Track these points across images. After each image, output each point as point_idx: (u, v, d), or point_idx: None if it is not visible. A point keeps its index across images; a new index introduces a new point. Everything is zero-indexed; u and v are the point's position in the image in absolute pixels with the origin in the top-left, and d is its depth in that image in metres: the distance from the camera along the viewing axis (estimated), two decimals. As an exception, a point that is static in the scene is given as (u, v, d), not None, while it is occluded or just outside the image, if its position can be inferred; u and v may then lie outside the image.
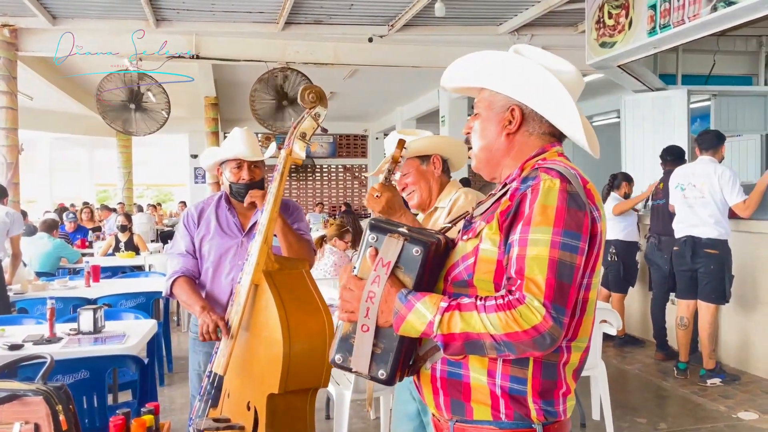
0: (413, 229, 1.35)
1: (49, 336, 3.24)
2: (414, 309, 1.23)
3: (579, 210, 1.23)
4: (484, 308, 1.20)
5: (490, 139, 1.40)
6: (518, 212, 1.25)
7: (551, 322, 1.16)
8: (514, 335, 1.17)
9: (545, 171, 1.27)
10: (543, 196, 1.23)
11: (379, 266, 1.26)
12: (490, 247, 1.28)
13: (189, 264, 2.62)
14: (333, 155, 16.10)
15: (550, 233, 1.20)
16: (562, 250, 1.20)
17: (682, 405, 4.29)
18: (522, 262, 1.20)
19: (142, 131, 7.25)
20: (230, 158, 2.62)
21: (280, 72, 7.14)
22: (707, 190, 4.61)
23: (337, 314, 1.35)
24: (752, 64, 7.86)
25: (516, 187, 1.29)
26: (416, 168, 2.33)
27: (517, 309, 1.17)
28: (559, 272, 1.19)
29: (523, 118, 1.37)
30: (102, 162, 19.16)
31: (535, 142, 1.38)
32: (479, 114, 1.42)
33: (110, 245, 7.87)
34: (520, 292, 1.18)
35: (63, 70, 9.47)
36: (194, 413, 2.32)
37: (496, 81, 1.38)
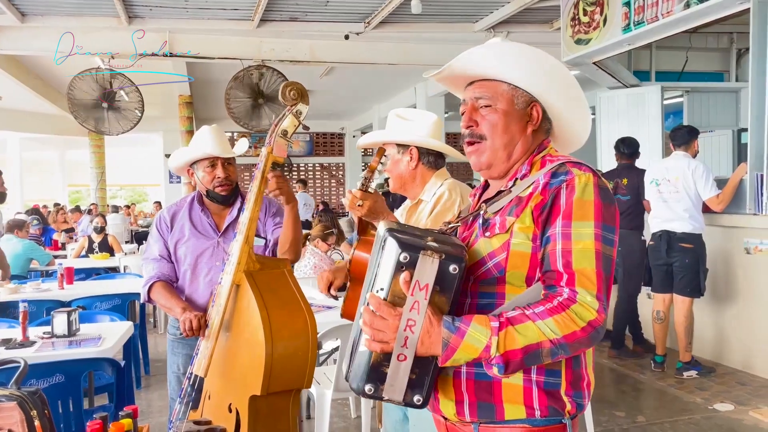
0: (438, 236, 1.27)
1: (22, 340, 3.16)
2: (466, 336, 1.16)
3: (611, 204, 1.26)
4: (537, 315, 1.17)
5: (514, 136, 1.37)
6: (554, 206, 1.25)
7: (603, 314, 1.18)
8: (572, 335, 1.17)
9: (575, 166, 1.29)
10: (580, 190, 1.24)
11: (416, 290, 1.17)
12: (524, 240, 1.27)
13: (164, 268, 2.58)
14: (310, 154, 16.03)
15: (592, 227, 1.22)
16: (604, 243, 1.22)
17: (660, 398, 4.35)
18: (569, 255, 1.21)
19: (115, 130, 7.13)
20: (202, 157, 2.57)
21: (255, 70, 7.07)
22: (681, 185, 4.67)
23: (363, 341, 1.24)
24: (724, 61, 8.00)
25: (546, 182, 1.28)
26: (393, 155, 2.29)
27: (571, 308, 1.17)
28: (605, 265, 1.21)
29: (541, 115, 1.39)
30: (74, 162, 18.88)
31: (540, 138, 1.40)
32: (495, 107, 1.37)
33: (83, 247, 7.74)
34: (571, 288, 1.19)
35: (33, 68, 9.29)
36: (174, 416, 2.28)
37: (522, 76, 1.35)
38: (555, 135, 1.46)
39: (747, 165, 4.67)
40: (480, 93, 1.38)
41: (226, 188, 2.58)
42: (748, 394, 4.35)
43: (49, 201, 15.66)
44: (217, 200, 2.60)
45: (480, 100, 1.38)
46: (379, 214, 2.00)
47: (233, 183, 2.61)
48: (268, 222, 2.57)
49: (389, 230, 1.24)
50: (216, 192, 2.58)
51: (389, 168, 2.29)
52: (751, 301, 4.76)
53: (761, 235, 4.59)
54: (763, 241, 4.58)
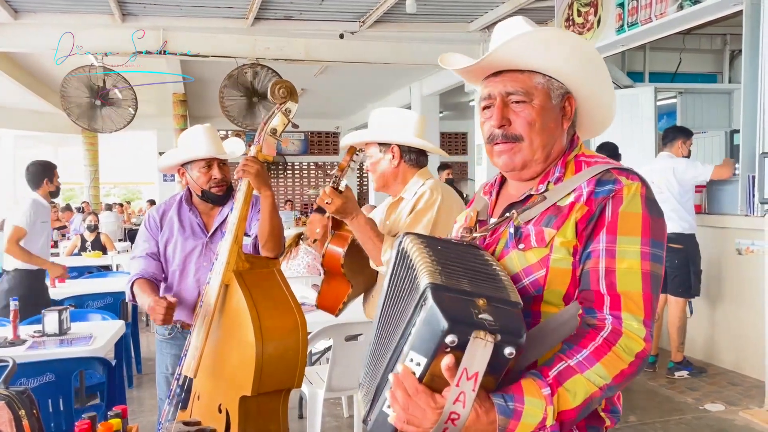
0: (489, 296, 1.01)
1: (12, 338, 3.15)
2: (524, 415, 1.02)
3: (659, 217, 1.16)
4: (583, 364, 1.05)
5: (553, 133, 1.25)
6: (600, 219, 1.15)
7: (650, 342, 1.09)
8: (620, 375, 1.07)
9: (623, 174, 1.18)
10: (627, 203, 1.14)
11: (463, 380, 0.95)
12: (564, 255, 1.16)
13: (150, 266, 2.55)
14: (304, 153, 15.99)
15: (639, 243, 1.12)
16: (653, 262, 1.12)
17: (651, 398, 4.36)
18: (613, 275, 1.11)
19: (109, 128, 7.10)
20: (199, 158, 2.54)
21: (249, 68, 7.06)
22: (665, 186, 4.69)
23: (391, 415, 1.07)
24: (717, 62, 8.03)
25: (591, 190, 1.17)
26: (374, 154, 2.30)
27: (618, 344, 1.07)
28: (653, 285, 1.11)
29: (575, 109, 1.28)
30: (67, 160, 18.76)
31: (571, 132, 1.30)
32: (531, 103, 1.23)
33: (76, 245, 7.71)
34: (615, 315, 1.09)
35: (26, 65, 9.24)
36: (163, 417, 2.27)
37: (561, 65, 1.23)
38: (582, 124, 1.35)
39: (739, 163, 4.71)
40: (512, 87, 1.24)
41: (222, 188, 2.56)
42: (739, 394, 4.36)
43: (42, 199, 15.56)
44: (212, 200, 2.58)
45: (512, 96, 1.24)
46: (348, 213, 2.05)
47: (228, 183, 2.59)
48: (254, 217, 2.52)
49: (433, 286, 1.00)
50: (212, 192, 2.56)
51: (371, 167, 2.30)
52: (742, 302, 4.77)
53: (753, 236, 4.61)
54: (754, 242, 4.60)
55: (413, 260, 1.10)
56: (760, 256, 4.42)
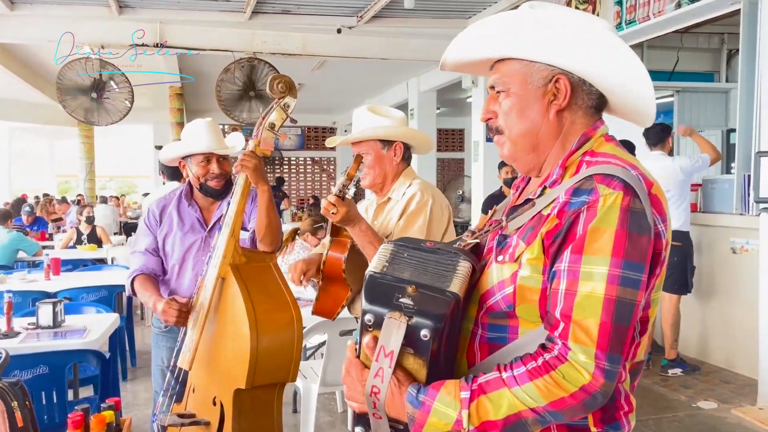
0: (422, 284, 1.06)
1: (6, 330, 3.15)
2: (432, 411, 1.02)
3: (641, 234, 1.01)
4: (515, 379, 1.00)
5: (535, 121, 1.14)
6: (568, 235, 1.02)
7: (602, 379, 0.97)
8: (559, 402, 0.98)
9: (604, 181, 1.03)
10: (602, 217, 1.00)
11: (381, 357, 1.03)
12: (531, 274, 1.06)
13: (150, 262, 2.56)
14: (301, 148, 15.97)
15: (607, 265, 0.98)
16: (622, 286, 0.98)
17: (644, 395, 4.37)
18: (570, 300, 1.00)
19: (104, 121, 7.07)
20: (198, 153, 2.55)
21: (247, 62, 7.04)
22: (673, 185, 4.70)
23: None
24: (714, 61, 8.03)
25: (566, 201, 1.05)
26: (376, 151, 2.24)
27: (558, 369, 0.98)
28: (617, 314, 0.98)
29: (571, 89, 1.12)
30: (63, 152, 18.71)
31: (581, 121, 1.15)
32: (508, 91, 1.15)
33: (71, 238, 7.69)
34: (563, 344, 0.99)
35: (22, 57, 9.20)
36: (158, 409, 2.27)
37: (529, 46, 1.11)
38: (618, 108, 1.19)
39: (734, 162, 4.72)
40: (494, 79, 1.18)
41: (221, 182, 2.56)
42: (732, 392, 4.38)
43: (38, 191, 15.53)
44: (210, 194, 2.58)
45: (495, 87, 1.18)
46: (352, 221, 2.00)
47: (227, 177, 2.59)
48: (252, 212, 2.53)
49: (370, 273, 1.09)
50: (209, 186, 2.56)
51: (371, 164, 2.26)
52: (735, 301, 4.79)
53: (747, 235, 4.63)
54: (749, 241, 4.62)
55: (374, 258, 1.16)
56: (754, 255, 4.44)
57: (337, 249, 2.13)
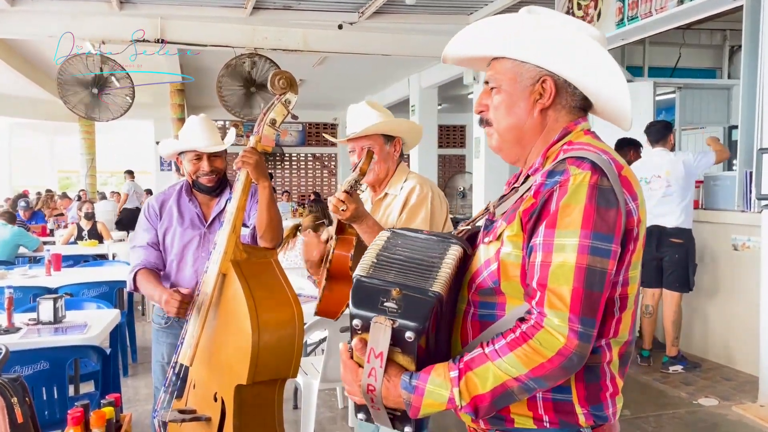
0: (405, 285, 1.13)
1: (7, 326, 3.14)
2: (426, 393, 1.10)
3: (609, 208, 1.09)
4: (496, 353, 1.09)
5: (520, 117, 1.24)
6: (543, 211, 1.12)
7: (576, 340, 1.05)
8: (539, 368, 1.06)
9: (575, 163, 1.12)
10: (571, 194, 1.09)
11: (372, 358, 1.11)
12: (513, 250, 1.15)
13: (151, 256, 2.56)
14: (302, 144, 15.96)
15: (578, 236, 1.07)
16: (592, 255, 1.07)
17: (645, 391, 4.37)
18: (546, 270, 1.09)
19: (105, 117, 7.06)
20: (188, 150, 2.55)
21: (248, 58, 7.02)
22: (674, 180, 4.69)
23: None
24: (716, 58, 8.01)
25: (541, 182, 1.14)
26: (380, 147, 2.23)
27: (535, 337, 1.07)
28: (589, 281, 1.07)
29: (556, 89, 1.22)
30: (64, 148, 18.71)
31: (564, 119, 1.24)
32: (500, 88, 1.25)
33: (72, 234, 7.69)
34: (539, 312, 1.08)
35: (23, 53, 9.19)
36: (159, 405, 2.27)
37: (522, 48, 1.21)
38: (600, 111, 1.30)
39: (736, 159, 4.71)
40: (488, 75, 1.28)
41: (212, 179, 2.57)
42: (732, 389, 4.38)
43: (39, 187, 15.53)
44: (202, 190, 2.60)
45: (489, 83, 1.28)
46: (360, 217, 1.98)
47: (219, 174, 2.59)
48: (252, 207, 2.52)
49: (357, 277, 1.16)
50: (201, 183, 2.57)
51: (379, 160, 2.24)
52: (736, 298, 4.79)
53: (749, 232, 4.62)
54: (750, 237, 4.61)
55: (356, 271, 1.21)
56: (756, 252, 4.43)
57: (343, 247, 2.11)
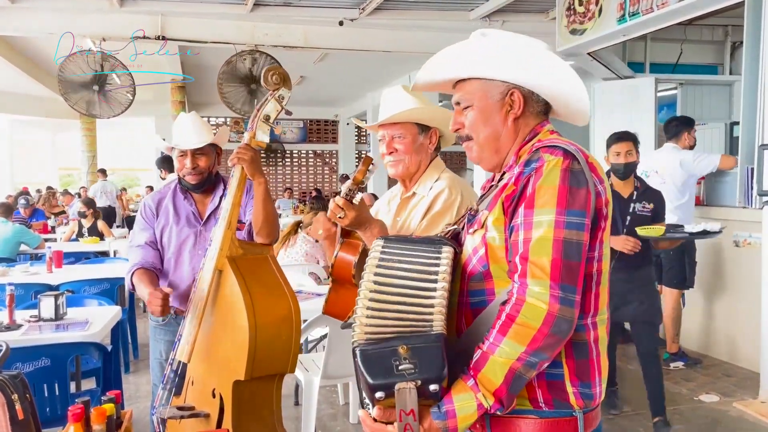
0: (409, 337, 1.18)
1: (8, 323, 3.15)
2: (457, 412, 1.17)
3: (580, 187, 1.22)
4: (493, 345, 1.18)
5: (497, 128, 1.37)
6: (521, 195, 1.24)
7: (557, 304, 1.15)
8: (534, 341, 1.15)
9: (548, 151, 1.25)
10: (545, 177, 1.21)
11: (403, 416, 1.16)
12: (497, 234, 1.27)
13: (149, 255, 2.57)
14: (303, 140, 15.96)
15: (553, 213, 1.19)
16: (567, 229, 1.19)
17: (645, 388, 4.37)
18: (527, 245, 1.19)
19: (106, 114, 7.06)
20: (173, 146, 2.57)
21: (248, 55, 7.01)
22: (668, 177, 4.69)
23: None
24: (718, 54, 7.99)
25: (519, 171, 1.27)
26: (413, 137, 2.01)
27: (520, 313, 1.16)
28: (566, 252, 1.18)
29: (524, 100, 1.35)
30: (65, 145, 18.73)
31: (531, 123, 1.38)
32: (473, 105, 1.38)
33: (73, 231, 7.70)
34: (522, 282, 1.18)
35: (24, 50, 9.19)
36: (157, 402, 2.28)
37: (487, 67, 1.35)
38: (560, 113, 1.43)
39: (738, 158, 4.69)
40: (458, 96, 1.41)
41: (195, 177, 2.56)
42: (733, 385, 4.38)
43: (39, 184, 15.55)
44: (187, 188, 2.61)
45: (461, 103, 1.41)
46: (363, 223, 1.81)
47: (203, 172, 2.58)
48: (248, 204, 2.51)
49: (360, 347, 1.18)
50: (185, 180, 2.58)
51: (406, 150, 2.01)
52: (738, 294, 4.78)
53: (750, 228, 4.61)
54: (752, 234, 4.60)
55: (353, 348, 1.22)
56: (757, 248, 4.43)
57: (348, 251, 1.93)
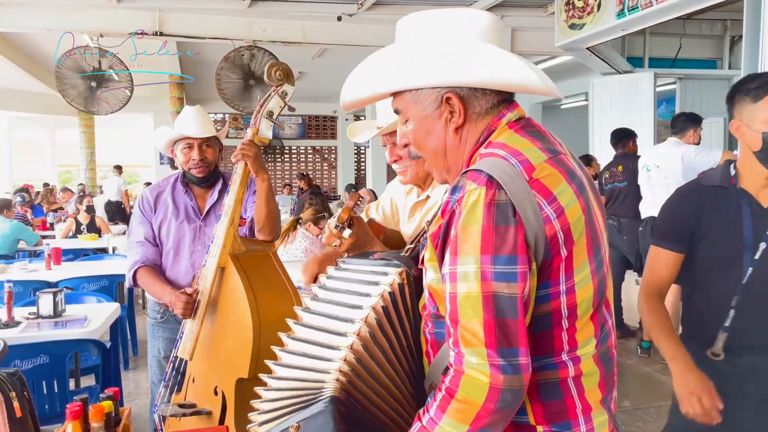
0: (304, 419, 1.08)
1: (6, 320, 3.15)
2: None
3: (508, 225, 0.99)
4: (433, 421, 1.01)
5: (439, 142, 1.15)
6: (447, 235, 1.04)
7: (500, 375, 0.96)
8: (478, 420, 0.97)
9: (471, 176, 1.03)
10: (467, 214, 1.00)
11: None
12: (434, 274, 1.09)
13: (149, 252, 2.54)
14: (302, 137, 15.93)
15: (478, 263, 0.98)
16: (496, 281, 0.98)
17: (646, 382, 4.38)
18: (454, 303, 1.00)
19: (105, 110, 7.04)
20: (179, 138, 2.54)
21: (246, 50, 6.99)
22: (670, 171, 4.69)
23: None
24: (717, 48, 7.97)
25: (447, 199, 1.05)
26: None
27: (460, 388, 0.98)
28: (498, 309, 0.98)
29: (464, 103, 1.12)
30: (64, 142, 18.68)
31: (483, 123, 1.14)
32: (409, 120, 1.17)
33: (71, 228, 7.69)
34: (457, 352, 1.00)
35: (21, 46, 9.15)
36: (158, 399, 2.27)
37: (410, 76, 1.12)
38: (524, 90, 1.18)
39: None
40: (394, 106, 1.21)
41: (202, 170, 2.54)
42: (733, 380, 4.38)
43: (38, 181, 15.52)
44: (192, 182, 2.58)
45: (400, 115, 1.21)
46: (362, 248, 1.74)
47: (210, 165, 2.57)
48: (248, 200, 2.51)
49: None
50: (191, 174, 2.56)
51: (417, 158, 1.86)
52: (738, 289, 4.77)
53: (750, 223, 4.60)
54: (751, 229, 4.59)
55: None
56: (756, 242, 4.42)
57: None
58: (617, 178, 5.36)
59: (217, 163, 2.62)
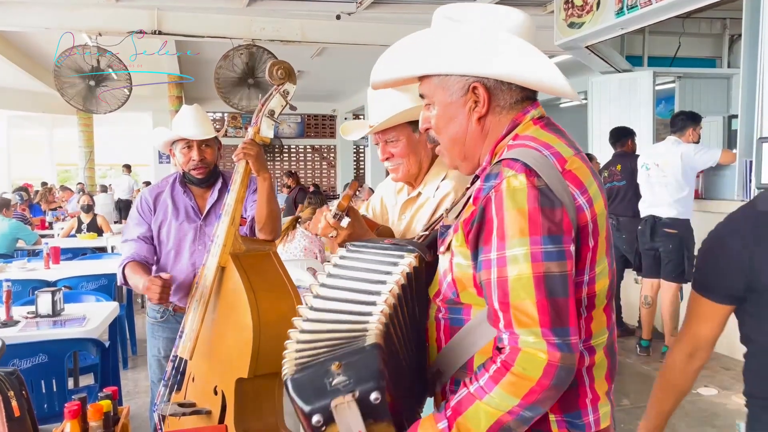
0: (342, 354, 1.01)
1: (5, 319, 3.14)
2: None
3: (554, 207, 1.02)
4: (482, 389, 1.02)
5: (460, 130, 1.18)
6: (484, 221, 1.05)
7: (557, 353, 0.99)
8: (530, 394, 0.99)
9: (508, 164, 1.05)
10: (509, 199, 1.02)
11: None
12: (463, 260, 1.10)
13: (142, 249, 2.52)
14: (301, 135, 15.92)
15: (528, 245, 1.00)
16: (547, 261, 1.00)
17: (645, 381, 4.38)
18: (505, 287, 1.02)
19: (103, 109, 7.04)
20: (178, 138, 2.53)
21: (245, 49, 6.99)
22: (669, 170, 4.69)
23: None
24: (716, 47, 7.97)
25: (479, 187, 1.08)
26: (407, 136, 1.87)
27: (516, 363, 0.99)
28: (549, 289, 1.00)
29: (489, 94, 1.15)
30: (63, 141, 18.66)
31: (507, 117, 1.17)
32: (434, 104, 1.20)
33: (73, 227, 7.68)
34: (510, 333, 1.01)
35: (20, 45, 9.14)
36: (158, 399, 2.26)
37: (442, 62, 1.15)
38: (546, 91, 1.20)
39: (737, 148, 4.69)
40: (421, 90, 1.24)
41: (202, 171, 2.53)
42: (732, 378, 4.39)
43: (37, 180, 15.50)
44: (192, 182, 2.57)
45: (425, 99, 1.23)
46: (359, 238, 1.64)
47: (209, 165, 2.56)
48: (248, 199, 2.49)
49: (291, 377, 1.03)
50: (191, 174, 2.55)
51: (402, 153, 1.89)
52: (737, 287, 4.77)
53: (749, 222, 4.60)
54: (750, 227, 4.59)
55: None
56: (755, 241, 4.41)
57: None
58: (616, 177, 5.36)
59: (216, 162, 2.61)
